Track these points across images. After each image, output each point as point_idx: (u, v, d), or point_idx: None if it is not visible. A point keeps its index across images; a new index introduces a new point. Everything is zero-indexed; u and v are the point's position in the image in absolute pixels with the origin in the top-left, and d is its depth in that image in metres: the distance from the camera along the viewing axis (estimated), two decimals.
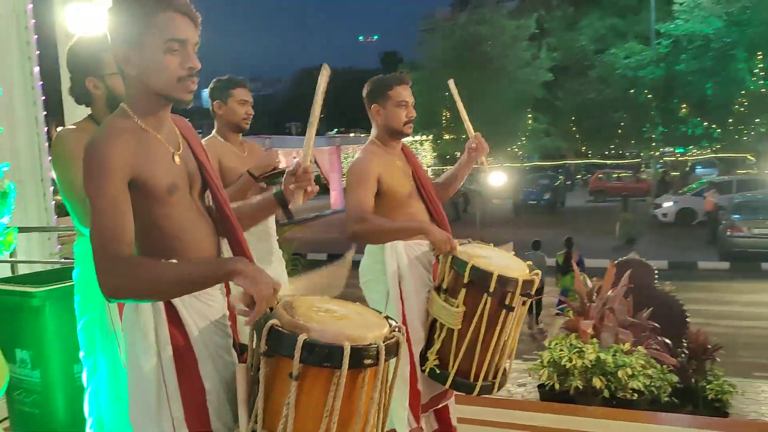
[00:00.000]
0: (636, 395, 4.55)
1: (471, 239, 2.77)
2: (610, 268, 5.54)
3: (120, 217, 1.57)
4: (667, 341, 5.40)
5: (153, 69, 1.64)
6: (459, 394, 2.89)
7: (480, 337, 2.49)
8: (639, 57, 26.18)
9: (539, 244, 10.87)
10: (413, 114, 2.84)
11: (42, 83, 5.41)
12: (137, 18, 1.62)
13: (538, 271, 2.59)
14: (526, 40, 29.03)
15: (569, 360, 4.62)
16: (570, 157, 37.13)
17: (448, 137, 31.31)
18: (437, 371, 2.62)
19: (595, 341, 4.79)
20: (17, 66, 5.22)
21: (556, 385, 4.71)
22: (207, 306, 1.76)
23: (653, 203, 22.12)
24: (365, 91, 2.85)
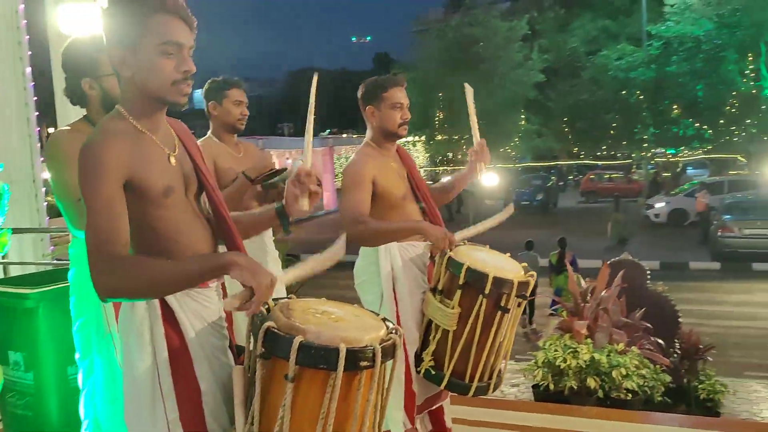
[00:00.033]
0: (630, 395, 4.57)
1: (466, 241, 2.78)
2: (603, 268, 5.56)
3: (115, 218, 1.57)
4: (660, 341, 5.43)
5: (148, 71, 1.64)
6: (453, 394, 2.89)
7: (475, 339, 2.50)
8: (630, 58, 26.33)
9: (532, 244, 10.91)
10: (408, 116, 2.85)
11: (34, 84, 5.37)
12: (133, 20, 1.62)
13: (533, 273, 2.60)
14: (518, 41, 29.15)
15: (564, 360, 4.64)
16: (562, 158, 37.26)
17: (440, 138, 31.35)
18: (432, 372, 2.62)
19: (590, 341, 4.81)
20: (9, 67, 5.19)
21: (550, 386, 4.72)
22: (203, 307, 1.76)
23: (645, 204, 22.23)
24: (360, 93, 2.85)
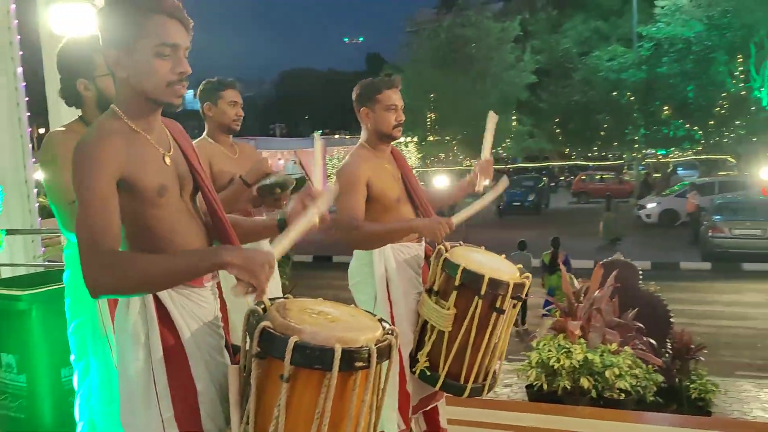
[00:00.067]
0: (623, 395, 4.60)
1: (462, 242, 2.78)
2: (597, 269, 5.59)
3: (108, 215, 1.57)
4: (652, 341, 5.46)
5: (143, 72, 1.64)
6: (448, 395, 2.90)
7: (470, 340, 2.50)
8: (622, 60, 26.49)
9: (525, 244, 10.93)
10: (402, 118, 2.85)
11: (25, 84, 5.34)
12: (129, 20, 1.62)
13: (528, 275, 2.61)
14: (510, 42, 29.24)
15: (557, 360, 4.66)
16: (554, 159, 37.42)
17: (432, 139, 31.41)
18: (427, 373, 2.62)
19: (583, 342, 4.83)
20: (0, 67, 5.16)
21: (544, 386, 4.74)
22: (198, 306, 1.77)
23: (637, 204, 22.33)
24: (354, 95, 2.85)
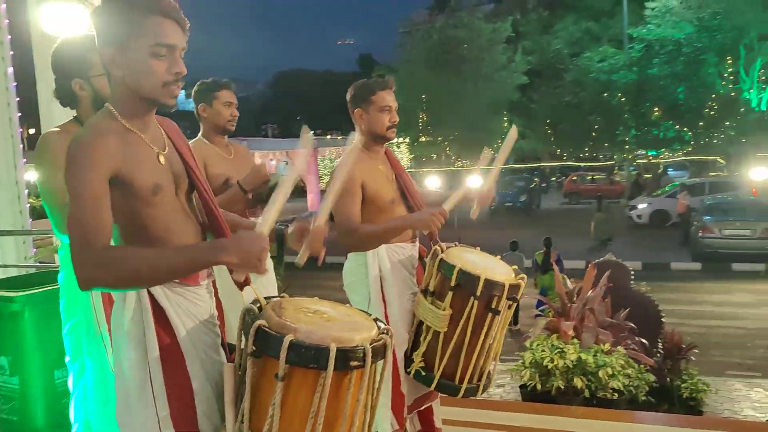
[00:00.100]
0: (616, 395, 4.62)
1: (458, 242, 2.79)
2: (590, 269, 5.61)
3: (100, 210, 1.57)
4: (644, 341, 5.50)
5: (139, 72, 1.64)
6: (442, 395, 2.90)
7: (466, 340, 2.51)
8: (612, 61, 26.64)
9: (517, 244, 10.99)
10: (396, 119, 2.85)
11: (16, 84, 5.31)
12: (125, 20, 1.62)
13: (523, 276, 2.62)
14: (502, 43, 29.32)
15: (551, 360, 4.68)
16: (545, 160, 37.52)
17: (424, 140, 31.45)
18: (422, 373, 2.63)
19: (576, 342, 4.85)
20: None
21: (537, 386, 4.76)
22: (194, 305, 1.77)
23: (628, 205, 22.43)
24: (349, 96, 2.86)
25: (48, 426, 3.21)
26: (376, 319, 1.83)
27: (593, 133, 28.68)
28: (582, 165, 34.55)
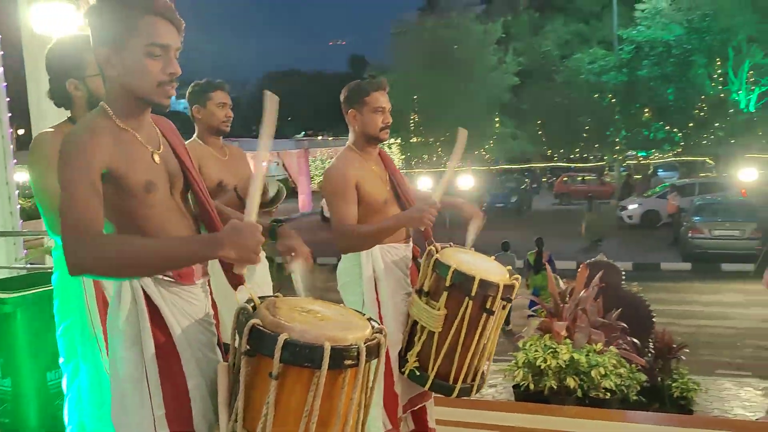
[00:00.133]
0: (608, 394, 4.64)
1: (452, 243, 2.80)
2: (582, 269, 5.64)
3: (92, 203, 1.57)
4: (636, 341, 5.53)
5: (133, 72, 1.64)
6: (436, 395, 2.91)
7: (460, 340, 2.51)
8: (602, 62, 26.78)
9: (508, 245, 11.03)
10: (390, 120, 2.86)
11: (6, 85, 5.28)
12: (120, 19, 1.62)
13: (518, 276, 2.63)
14: (493, 44, 29.36)
15: (544, 360, 4.69)
16: (536, 161, 37.62)
17: (416, 140, 31.44)
18: (417, 373, 2.63)
19: (569, 342, 4.88)
20: None
21: (530, 386, 4.78)
22: (189, 304, 1.77)
23: (618, 205, 22.55)
24: (342, 97, 2.86)
25: (40, 428, 3.19)
26: (369, 319, 1.84)
27: (584, 134, 28.80)
28: (573, 166, 34.69)
